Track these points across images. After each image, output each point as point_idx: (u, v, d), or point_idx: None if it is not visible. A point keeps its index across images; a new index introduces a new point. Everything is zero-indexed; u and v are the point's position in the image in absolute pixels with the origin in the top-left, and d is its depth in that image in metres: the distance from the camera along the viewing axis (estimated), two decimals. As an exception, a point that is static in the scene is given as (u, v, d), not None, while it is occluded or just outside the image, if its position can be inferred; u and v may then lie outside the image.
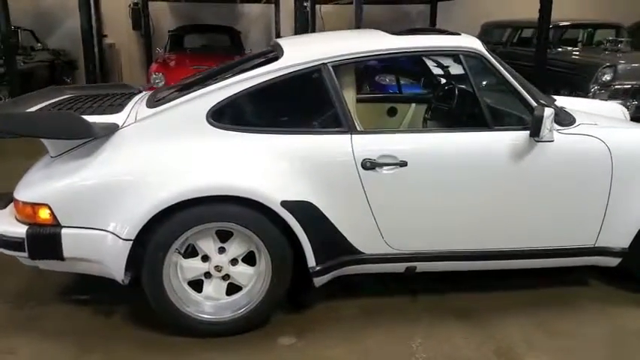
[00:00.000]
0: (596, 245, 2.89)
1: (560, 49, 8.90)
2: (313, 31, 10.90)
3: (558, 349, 2.58)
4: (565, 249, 2.88)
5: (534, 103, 2.75)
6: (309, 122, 2.72)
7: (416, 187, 2.67)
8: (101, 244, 2.48)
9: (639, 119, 5.79)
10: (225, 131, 2.61)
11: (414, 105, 4.16)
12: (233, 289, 2.67)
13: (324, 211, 2.59)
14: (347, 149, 2.60)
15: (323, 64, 2.67)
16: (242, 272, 2.63)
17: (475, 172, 2.70)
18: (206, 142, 2.59)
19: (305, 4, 10.11)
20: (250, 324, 2.64)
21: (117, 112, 2.76)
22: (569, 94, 7.88)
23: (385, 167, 2.62)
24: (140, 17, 10.26)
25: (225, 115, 2.64)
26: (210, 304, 2.63)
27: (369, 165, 2.60)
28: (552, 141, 2.71)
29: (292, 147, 2.60)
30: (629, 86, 7.47)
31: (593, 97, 7.50)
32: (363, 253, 2.72)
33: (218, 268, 2.60)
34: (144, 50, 10.71)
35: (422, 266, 2.83)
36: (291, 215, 2.49)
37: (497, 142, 2.71)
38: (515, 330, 2.72)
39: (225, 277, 2.64)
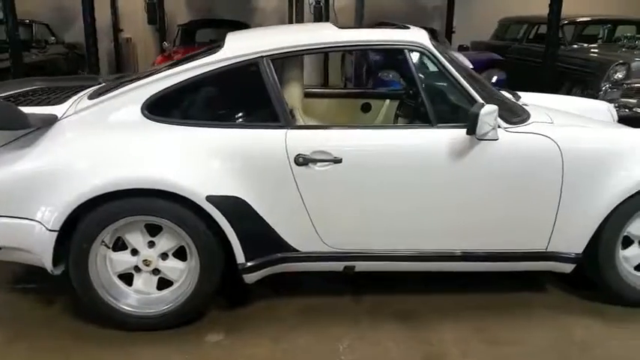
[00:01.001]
0: (547, 250, 2.75)
1: (575, 46, 8.61)
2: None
3: (493, 357, 2.47)
4: (515, 253, 2.76)
5: (479, 100, 2.63)
6: (244, 116, 2.67)
7: (351, 185, 2.60)
8: (31, 234, 2.49)
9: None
10: (159, 124, 2.59)
11: (387, 101, 4.06)
12: (167, 284, 2.66)
13: (255, 207, 2.55)
14: (280, 144, 2.55)
15: (261, 57, 2.63)
16: (172, 267, 2.61)
17: (414, 171, 2.61)
18: (138, 134, 2.58)
19: (318, -3, 10.08)
20: (180, 319, 2.62)
21: (60, 103, 2.77)
22: (582, 93, 7.63)
23: (319, 163, 2.56)
24: (155, 12, 10.35)
25: (160, 108, 2.61)
26: (140, 297, 2.62)
27: (302, 161, 2.54)
28: (497, 139, 2.59)
29: (225, 141, 2.56)
30: (643, 84, 7.15)
31: (605, 95, 7.22)
32: (298, 250, 2.67)
33: (147, 262, 2.58)
34: (159, 44, 10.82)
35: (361, 266, 2.75)
36: (217, 210, 2.45)
37: (438, 140, 2.61)
38: (453, 335, 2.62)
39: (156, 271, 2.62)
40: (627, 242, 2.82)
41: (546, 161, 2.63)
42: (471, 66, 7.50)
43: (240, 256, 2.54)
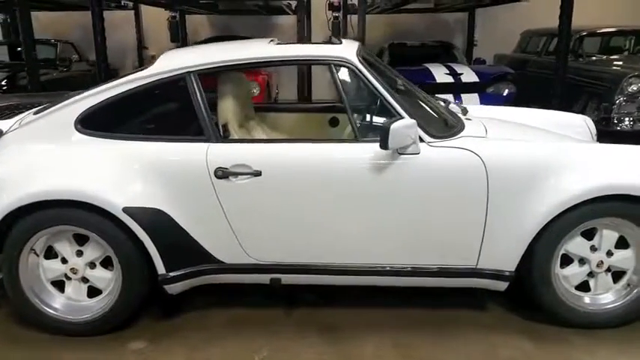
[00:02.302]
0: (478, 267, 2.69)
1: (594, 58, 8.34)
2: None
3: (404, 374, 2.44)
4: (444, 269, 2.71)
5: (403, 114, 2.61)
6: (170, 130, 2.74)
7: (271, 198, 2.62)
8: (-32, 242, 2.64)
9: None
10: (90, 137, 2.70)
11: (356, 115, 4.06)
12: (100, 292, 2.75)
13: (176, 219, 2.61)
14: (201, 157, 2.60)
15: (188, 72, 2.70)
16: (99, 276, 2.69)
17: (335, 185, 2.60)
18: (69, 148, 2.69)
19: (336, 14, 10.19)
20: (106, 327, 2.70)
21: (8, 118, 2.94)
22: (597, 107, 7.39)
23: (240, 176, 2.60)
24: (177, 30, 10.67)
25: (92, 122, 2.72)
26: (68, 304, 2.72)
27: (221, 174, 2.58)
28: (417, 154, 2.57)
29: (149, 154, 2.63)
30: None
31: (619, 109, 6.97)
32: (223, 262, 2.71)
33: (74, 271, 2.68)
34: (182, 61, 11.15)
35: (287, 279, 2.76)
36: (134, 221, 2.52)
37: (361, 154, 2.60)
38: (373, 350, 2.59)
39: (85, 279, 2.72)
40: (567, 261, 2.72)
41: (470, 176, 2.57)
42: (477, 80, 7.41)
43: (160, 267, 2.60)
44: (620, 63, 7.76)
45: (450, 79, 7.34)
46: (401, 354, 2.56)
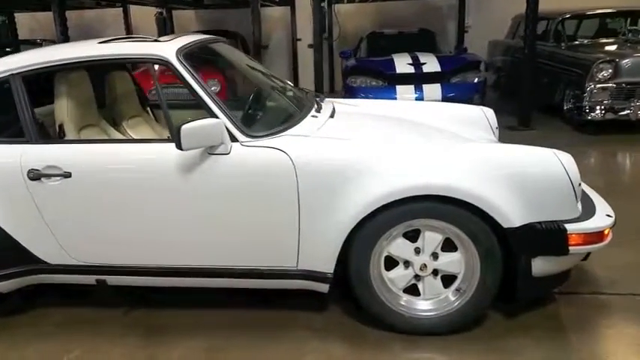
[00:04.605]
0: (299, 268, 2.61)
1: (576, 43, 7.93)
2: (330, 30, 10.83)
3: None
4: (267, 270, 2.64)
5: (218, 113, 2.55)
6: (-7, 132, 2.76)
7: (83, 199, 2.61)
8: None
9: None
10: None
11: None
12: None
13: (-5, 220, 2.65)
14: (15, 159, 2.62)
15: (12, 74, 2.72)
16: None
17: (143, 186, 2.57)
18: None
19: (322, 4, 10.08)
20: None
21: None
22: (573, 95, 7.06)
23: (52, 178, 2.60)
24: (165, 26, 10.78)
25: None
26: None
27: (33, 175, 2.60)
28: (227, 154, 2.51)
29: (-32, 157, 2.67)
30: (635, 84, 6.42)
31: (590, 97, 6.60)
32: (47, 263, 2.74)
33: None
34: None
35: (112, 280, 2.77)
36: (-52, 223, 2.57)
37: (169, 154, 2.54)
38: (181, 353, 2.55)
39: None
40: (394, 264, 2.61)
41: (280, 176, 2.48)
42: (439, 69, 7.17)
43: (-20, 267, 2.65)
44: (605, 48, 7.31)
45: (411, 70, 7.14)
46: (208, 357, 2.52)
